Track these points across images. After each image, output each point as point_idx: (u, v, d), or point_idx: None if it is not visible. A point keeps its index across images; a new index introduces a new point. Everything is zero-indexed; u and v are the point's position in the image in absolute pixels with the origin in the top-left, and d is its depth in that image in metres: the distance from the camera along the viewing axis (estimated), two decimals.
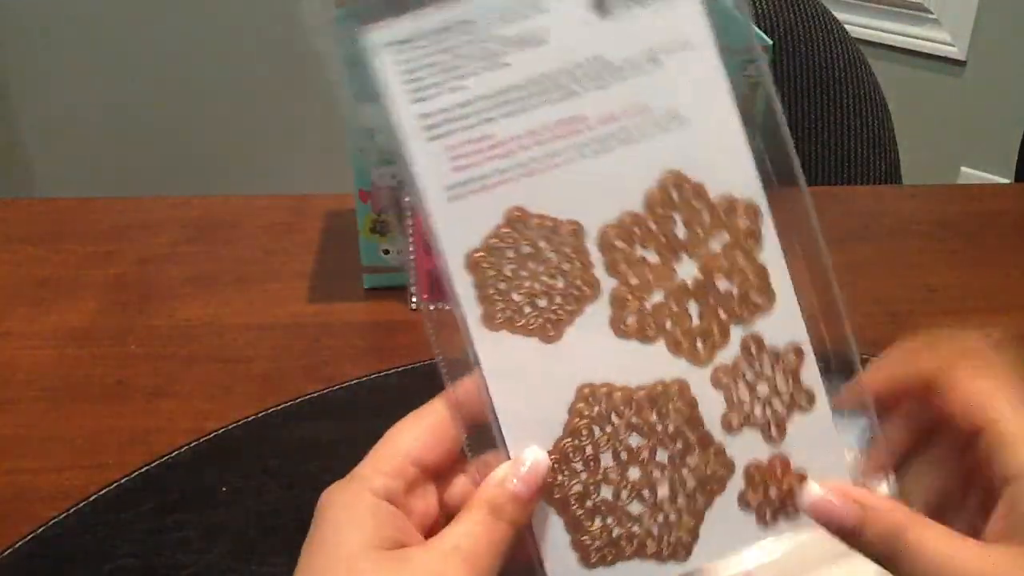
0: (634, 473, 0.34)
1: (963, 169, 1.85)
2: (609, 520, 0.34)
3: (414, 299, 0.68)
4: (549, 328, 0.33)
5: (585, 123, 0.33)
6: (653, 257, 0.33)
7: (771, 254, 0.33)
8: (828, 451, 0.34)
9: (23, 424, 0.58)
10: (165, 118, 1.95)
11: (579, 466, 0.33)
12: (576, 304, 0.33)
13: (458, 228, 0.33)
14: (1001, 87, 1.74)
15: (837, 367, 0.34)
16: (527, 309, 0.33)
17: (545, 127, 0.32)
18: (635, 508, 0.34)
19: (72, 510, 0.51)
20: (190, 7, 1.87)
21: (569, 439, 0.33)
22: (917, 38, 1.81)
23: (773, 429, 0.34)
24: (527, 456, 0.33)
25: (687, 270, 0.33)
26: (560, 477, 0.33)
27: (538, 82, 0.32)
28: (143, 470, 0.54)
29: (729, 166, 0.33)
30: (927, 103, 1.81)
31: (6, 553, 0.49)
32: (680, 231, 0.33)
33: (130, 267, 0.75)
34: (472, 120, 0.32)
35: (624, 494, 0.34)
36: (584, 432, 0.33)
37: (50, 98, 1.92)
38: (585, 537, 0.34)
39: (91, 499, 0.52)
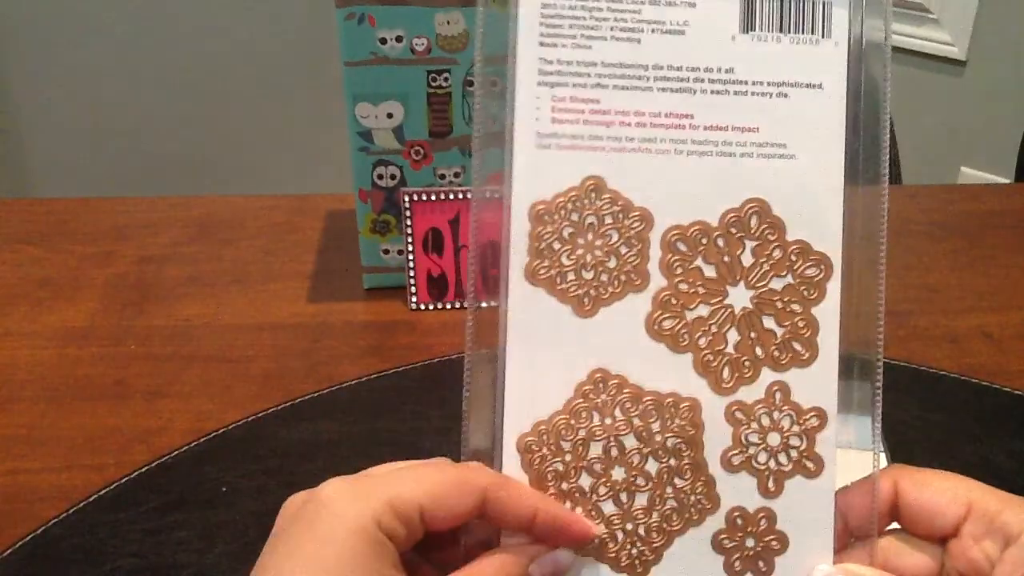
0: (619, 473, 0.33)
1: (963, 169, 1.85)
2: (579, 510, 0.33)
3: (414, 299, 0.68)
4: (586, 302, 0.33)
5: (691, 122, 0.33)
6: (710, 272, 0.33)
7: (828, 311, 0.33)
8: (817, 523, 0.33)
9: (23, 424, 0.58)
10: (165, 118, 1.95)
11: (567, 446, 0.33)
12: (620, 288, 0.33)
13: (534, 176, 0.33)
14: (1001, 87, 1.74)
15: (859, 372, 0.33)
16: (571, 276, 0.33)
17: (652, 112, 0.33)
18: (608, 508, 0.33)
19: (72, 510, 0.51)
20: (190, 7, 1.87)
21: (565, 417, 0.33)
22: (917, 38, 1.80)
23: (771, 482, 0.33)
24: None
25: (739, 297, 0.33)
26: (544, 451, 0.33)
27: (661, 68, 0.33)
28: (143, 470, 0.54)
29: (816, 215, 0.33)
30: (927, 103, 1.81)
31: (6, 553, 0.49)
32: (747, 259, 0.33)
33: (130, 267, 0.75)
34: (587, 80, 0.33)
35: (602, 490, 0.33)
36: (583, 415, 0.33)
37: (50, 98, 1.92)
38: None
39: (91, 499, 0.52)
